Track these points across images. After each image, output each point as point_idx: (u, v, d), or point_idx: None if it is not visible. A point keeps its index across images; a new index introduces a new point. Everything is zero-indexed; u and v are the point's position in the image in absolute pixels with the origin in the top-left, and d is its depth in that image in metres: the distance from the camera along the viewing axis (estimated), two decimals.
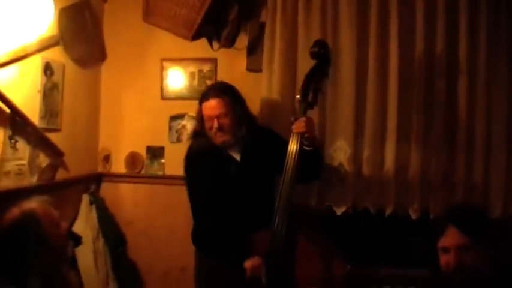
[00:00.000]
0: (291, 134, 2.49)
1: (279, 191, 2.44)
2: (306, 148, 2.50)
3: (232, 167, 2.70)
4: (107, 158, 3.54)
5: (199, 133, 2.75)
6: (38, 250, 1.95)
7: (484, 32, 3.00)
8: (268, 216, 2.46)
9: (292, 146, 2.46)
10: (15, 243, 1.94)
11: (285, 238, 2.39)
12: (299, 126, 2.46)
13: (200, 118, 2.72)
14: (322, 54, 2.55)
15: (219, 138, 2.66)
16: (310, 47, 2.58)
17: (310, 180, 2.89)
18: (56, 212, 2.10)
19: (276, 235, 2.41)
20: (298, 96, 2.54)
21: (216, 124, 2.62)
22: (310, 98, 2.50)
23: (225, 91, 2.69)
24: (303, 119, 2.47)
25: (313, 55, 2.55)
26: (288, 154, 2.45)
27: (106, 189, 3.52)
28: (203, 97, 2.68)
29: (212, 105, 2.63)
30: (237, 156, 2.73)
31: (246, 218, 2.61)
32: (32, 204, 2.05)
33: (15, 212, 2.01)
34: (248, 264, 2.45)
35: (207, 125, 2.66)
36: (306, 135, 2.47)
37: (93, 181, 3.42)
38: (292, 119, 2.52)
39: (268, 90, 3.21)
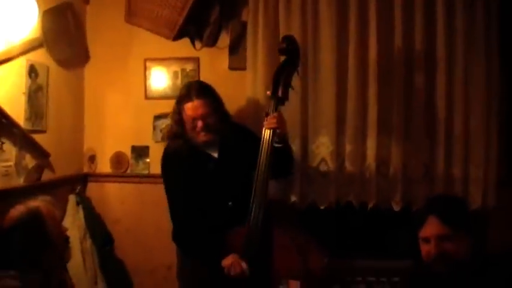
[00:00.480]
0: (263, 130, 2.51)
1: (253, 186, 2.46)
2: (277, 145, 2.52)
3: (210, 165, 2.71)
4: (92, 159, 3.55)
5: (177, 135, 2.72)
6: (40, 247, 2.01)
7: (461, 27, 3.06)
8: (246, 212, 2.49)
9: (265, 142, 2.49)
10: (19, 238, 1.99)
11: (261, 232, 2.41)
12: (270, 122, 2.48)
13: (178, 119, 2.69)
14: (291, 49, 2.56)
15: (203, 138, 2.65)
16: (278, 43, 2.60)
17: (282, 176, 2.89)
18: (58, 212, 2.16)
19: (252, 230, 2.43)
20: (268, 92, 2.54)
21: (201, 124, 2.62)
22: (280, 93, 2.51)
23: (206, 91, 2.69)
24: (274, 114, 2.48)
25: (281, 51, 2.57)
26: (260, 150, 2.48)
27: (92, 190, 3.52)
28: (185, 98, 2.65)
29: (196, 106, 2.62)
30: (215, 154, 2.74)
31: (224, 215, 2.62)
32: (37, 202, 2.10)
33: (20, 208, 2.06)
34: (225, 262, 2.46)
35: (189, 125, 2.65)
36: (277, 131, 2.49)
37: (79, 181, 3.42)
38: (264, 114, 2.54)
39: (252, 89, 3.24)
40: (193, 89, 2.67)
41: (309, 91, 3.17)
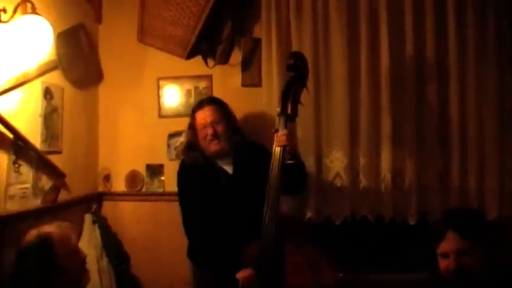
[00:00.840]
0: (273, 148, 2.50)
1: (265, 203, 2.46)
2: (289, 162, 2.52)
3: (224, 179, 2.73)
4: (107, 178, 3.55)
5: (192, 145, 2.76)
6: (49, 272, 2.00)
7: (472, 34, 3.06)
8: (256, 227, 2.49)
9: (275, 159, 2.47)
10: (28, 263, 2.01)
11: (273, 248, 2.41)
12: (280, 139, 2.47)
13: (193, 128, 2.75)
14: (299, 66, 2.56)
15: (215, 146, 2.68)
16: (286, 59, 2.61)
17: (295, 192, 2.89)
18: (75, 239, 2.16)
19: (264, 245, 2.43)
20: (278, 109, 2.54)
21: (211, 131, 2.66)
22: (289, 110, 2.51)
23: (216, 100, 2.77)
24: (284, 132, 2.48)
25: (289, 67, 2.56)
26: (271, 167, 2.46)
27: (108, 208, 3.51)
28: (196, 107, 2.74)
29: (206, 113, 2.68)
30: (229, 168, 2.75)
31: (238, 229, 2.62)
32: (51, 227, 2.11)
33: (32, 233, 2.08)
34: (240, 275, 2.45)
35: (202, 134, 2.69)
36: (287, 149, 2.48)
37: (94, 201, 3.42)
38: (274, 131, 2.54)
39: (268, 106, 3.24)
40: (205, 99, 2.81)
41: (322, 105, 3.17)
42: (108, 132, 3.55)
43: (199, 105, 2.73)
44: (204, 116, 2.68)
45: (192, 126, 2.76)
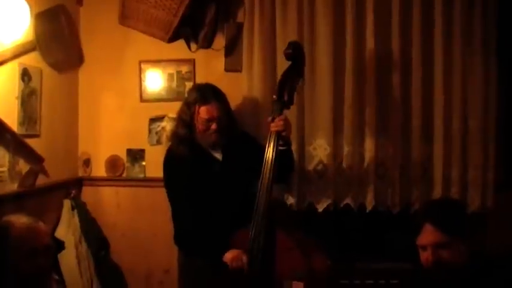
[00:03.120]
0: (269, 134, 2.52)
1: (258, 191, 2.47)
2: (281, 148, 2.54)
3: (215, 166, 2.74)
4: (87, 162, 3.52)
5: (184, 138, 2.74)
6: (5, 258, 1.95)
7: (458, 28, 3.07)
8: (249, 214, 2.50)
9: (271, 145, 2.50)
10: None
11: (265, 233, 2.43)
12: (278, 124, 2.50)
13: (188, 121, 2.72)
14: (297, 55, 2.58)
15: (215, 139, 2.70)
16: (284, 49, 2.61)
17: (283, 180, 2.88)
18: (39, 240, 2.05)
19: (255, 230, 2.44)
20: (274, 97, 2.56)
21: (215, 126, 2.66)
22: (286, 97, 2.54)
23: (221, 95, 2.75)
24: (282, 117, 2.51)
25: (287, 56, 2.59)
26: (266, 151, 2.49)
27: (87, 194, 3.50)
28: (200, 100, 2.68)
29: (213, 108, 2.66)
30: (219, 156, 2.76)
31: (228, 215, 2.64)
32: (21, 220, 2.05)
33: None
34: (228, 256, 2.48)
35: (203, 126, 2.68)
36: (283, 134, 2.51)
37: (74, 186, 3.40)
38: (270, 118, 2.55)
39: (249, 91, 3.22)
40: (209, 92, 2.71)
41: (306, 92, 3.15)
42: (88, 116, 3.52)
43: (204, 100, 2.67)
44: (211, 111, 2.67)
45: (189, 117, 2.72)
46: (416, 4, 3.06)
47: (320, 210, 3.17)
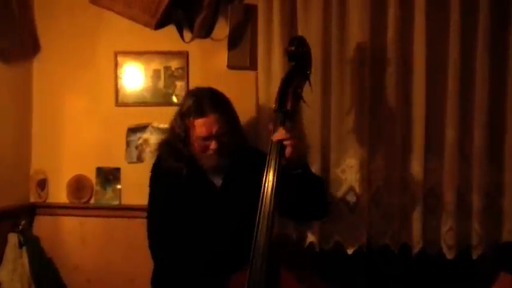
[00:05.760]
0: (269, 148, 2.25)
1: (256, 225, 2.21)
2: (295, 172, 2.29)
3: (211, 194, 2.51)
4: (42, 184, 3.16)
5: (180, 156, 2.46)
6: None
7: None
8: (247, 251, 2.27)
9: (271, 163, 2.22)
10: None
11: (265, 277, 2.17)
12: (278, 135, 2.24)
13: (183, 137, 2.46)
14: (301, 53, 2.36)
15: (215, 162, 2.45)
16: (286, 46, 2.42)
17: (316, 215, 2.62)
18: None
19: (254, 274, 2.19)
20: (274, 105, 2.31)
21: (215, 145, 2.41)
22: (289, 106, 2.29)
23: (222, 103, 2.49)
24: (284, 127, 2.26)
25: (290, 55, 2.37)
26: (264, 176, 2.22)
27: (42, 226, 3.13)
28: (195, 111, 2.43)
29: (211, 122, 2.41)
30: (217, 181, 2.53)
31: (222, 254, 2.41)
32: None
33: None
34: None
35: (200, 145, 2.44)
36: (288, 156, 2.22)
37: (23, 215, 3.06)
38: (270, 126, 2.33)
39: (265, 95, 2.88)
40: (206, 100, 2.47)
41: (332, 97, 2.82)
42: (45, 123, 3.16)
43: (200, 111, 2.43)
44: (208, 126, 2.42)
45: (184, 132, 2.47)
46: None
47: (350, 252, 2.81)
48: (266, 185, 2.22)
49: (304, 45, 2.39)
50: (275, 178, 2.20)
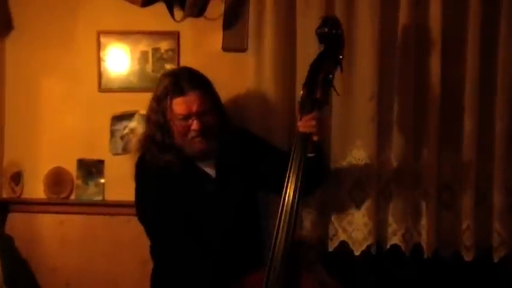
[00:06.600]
0: (295, 138, 2.22)
1: (277, 222, 2.14)
2: (309, 155, 2.25)
3: (208, 186, 2.42)
4: (16, 178, 3.01)
5: (163, 146, 2.35)
6: None
7: None
8: (251, 247, 2.33)
9: (297, 154, 2.16)
10: None
11: (284, 279, 2.13)
12: (306, 125, 2.19)
13: (163, 121, 2.36)
14: (334, 35, 2.28)
15: (199, 145, 2.35)
16: (317, 27, 2.31)
17: (310, 192, 2.57)
18: None
19: (273, 275, 2.14)
20: (302, 92, 2.24)
21: (197, 124, 2.30)
22: (318, 94, 2.23)
23: (201, 81, 2.40)
24: (311, 115, 2.20)
25: (321, 37, 2.28)
26: (289, 168, 2.16)
27: (16, 224, 2.98)
28: (172, 91, 2.34)
29: (191, 100, 2.31)
30: (211, 171, 2.44)
31: (223, 250, 2.35)
32: None
33: None
34: None
35: (180, 127, 2.34)
36: (314, 138, 2.20)
37: None
38: (299, 116, 2.26)
39: (257, 78, 2.77)
40: (184, 78, 2.37)
41: (339, 82, 2.63)
42: (19, 110, 3.00)
43: (179, 90, 2.34)
44: (188, 103, 2.33)
45: (162, 117, 2.37)
46: None
47: (357, 253, 2.71)
48: (289, 185, 2.16)
49: (339, 27, 2.31)
50: (300, 169, 2.13)
